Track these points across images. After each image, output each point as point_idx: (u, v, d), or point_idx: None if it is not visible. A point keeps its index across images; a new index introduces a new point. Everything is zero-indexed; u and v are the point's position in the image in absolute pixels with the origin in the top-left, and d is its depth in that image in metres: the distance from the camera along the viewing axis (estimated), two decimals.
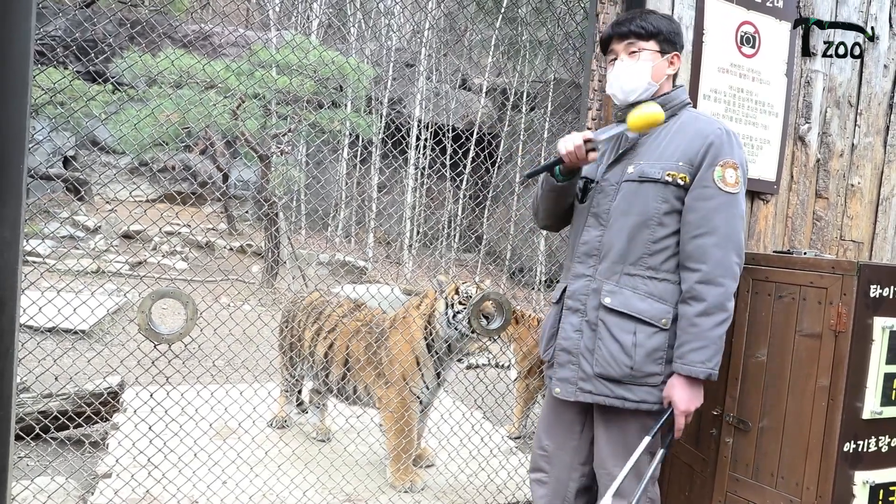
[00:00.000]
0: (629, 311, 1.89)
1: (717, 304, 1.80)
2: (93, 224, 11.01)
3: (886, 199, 3.07)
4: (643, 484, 1.86)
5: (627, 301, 1.90)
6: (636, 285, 1.90)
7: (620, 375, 1.89)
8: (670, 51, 1.98)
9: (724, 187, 1.83)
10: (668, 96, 1.98)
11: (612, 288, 1.92)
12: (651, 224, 1.89)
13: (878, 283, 1.87)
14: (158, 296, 2.28)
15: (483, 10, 12.00)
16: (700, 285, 1.81)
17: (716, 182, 1.83)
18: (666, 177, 1.88)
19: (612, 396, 1.91)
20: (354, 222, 13.21)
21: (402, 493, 3.07)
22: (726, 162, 1.85)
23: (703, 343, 1.80)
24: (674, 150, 1.90)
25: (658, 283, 1.90)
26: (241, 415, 3.28)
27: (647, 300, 1.89)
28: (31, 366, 3.53)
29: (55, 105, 8.95)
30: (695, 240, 1.84)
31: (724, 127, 1.91)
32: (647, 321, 1.88)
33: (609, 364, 1.90)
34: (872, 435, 1.90)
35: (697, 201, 1.85)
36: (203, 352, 3.00)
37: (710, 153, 1.85)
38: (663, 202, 1.89)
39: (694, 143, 1.88)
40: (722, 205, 1.83)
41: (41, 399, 3.48)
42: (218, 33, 12.34)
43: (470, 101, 13.58)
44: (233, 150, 10.88)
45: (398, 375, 3.06)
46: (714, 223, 1.82)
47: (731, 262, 1.82)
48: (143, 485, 2.76)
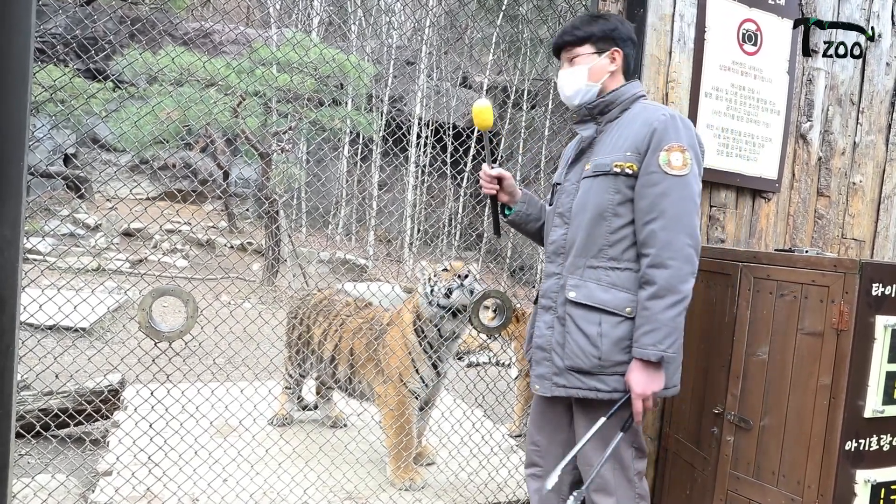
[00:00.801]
0: (593, 302, 1.93)
1: (666, 286, 1.81)
2: (93, 222, 11.02)
3: (888, 197, 3.07)
4: (603, 459, 1.90)
5: (591, 293, 1.94)
6: (599, 277, 1.94)
7: (590, 367, 1.92)
8: (608, 48, 2.02)
9: (670, 171, 1.84)
10: (615, 93, 2.02)
11: (576, 282, 1.97)
12: (607, 216, 1.94)
13: (881, 282, 1.86)
14: (159, 294, 2.28)
15: (484, 8, 11.99)
16: (650, 269, 1.84)
17: (661, 167, 1.85)
18: (615, 168, 1.93)
19: (584, 388, 1.94)
20: (355, 220, 13.22)
21: (403, 491, 3.07)
22: (671, 146, 1.86)
23: (653, 326, 1.82)
24: (623, 141, 1.95)
25: (620, 273, 1.93)
26: (241, 413, 3.28)
27: (610, 290, 1.92)
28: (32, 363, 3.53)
29: (56, 103, 8.94)
30: (645, 226, 1.86)
31: (670, 112, 1.92)
32: (610, 311, 1.91)
33: (578, 356, 1.94)
34: (874, 433, 1.90)
35: (645, 188, 1.87)
36: (203, 350, 3.00)
37: (654, 139, 1.87)
38: (616, 193, 1.93)
39: (640, 132, 1.91)
40: (668, 188, 1.84)
41: (42, 397, 3.48)
42: (218, 31, 12.33)
43: (471, 98, 13.57)
44: (233, 147, 10.87)
45: (394, 371, 3.06)
46: (661, 207, 1.84)
47: (680, 243, 1.81)
48: (143, 482, 2.76)
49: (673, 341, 1.82)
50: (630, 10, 2.57)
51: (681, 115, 1.93)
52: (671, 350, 1.81)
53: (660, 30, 2.54)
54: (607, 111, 2.02)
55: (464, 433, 3.33)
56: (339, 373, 3.40)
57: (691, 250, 1.82)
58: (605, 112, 2.03)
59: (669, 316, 1.81)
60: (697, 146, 1.92)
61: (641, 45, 2.51)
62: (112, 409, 3.68)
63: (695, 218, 1.85)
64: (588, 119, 2.06)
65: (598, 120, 2.05)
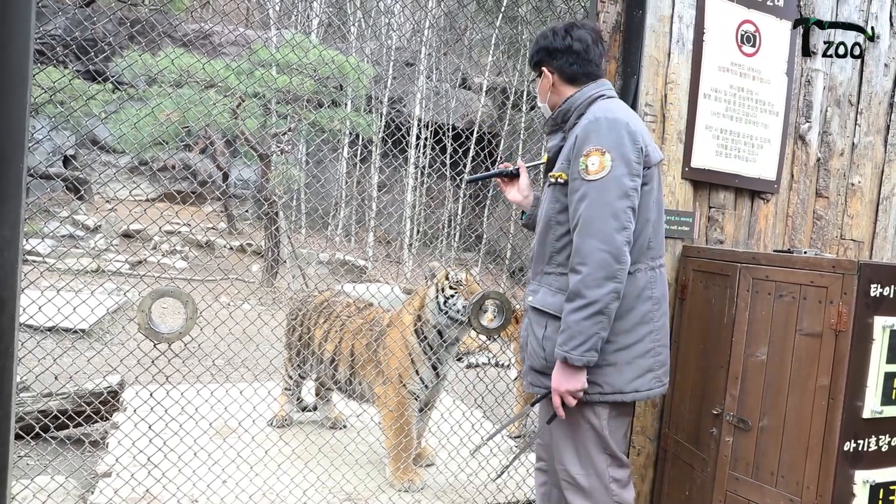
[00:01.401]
0: (542, 306, 2.03)
1: (574, 291, 1.85)
2: (93, 223, 11.02)
3: (887, 198, 3.07)
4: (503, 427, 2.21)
5: (543, 298, 2.05)
6: (550, 282, 2.04)
7: (541, 367, 2.03)
8: (540, 69, 2.12)
9: (587, 176, 1.87)
10: (568, 101, 2.07)
11: (535, 287, 2.10)
12: (552, 224, 2.03)
13: (879, 283, 1.86)
14: (158, 295, 2.28)
15: (483, 9, 12.00)
16: (570, 275, 1.90)
17: (580, 173, 1.89)
18: (551, 178, 2.02)
19: (542, 387, 2.05)
20: (354, 221, 13.21)
21: (402, 493, 3.06)
22: (588, 151, 1.88)
23: (564, 327, 1.89)
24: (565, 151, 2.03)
25: (567, 278, 1.95)
26: (240, 414, 3.28)
27: (557, 295, 2.00)
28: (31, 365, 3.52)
29: (55, 104, 8.94)
30: (572, 232, 1.92)
31: (597, 115, 1.92)
32: (554, 314, 1.98)
33: (533, 357, 2.06)
34: (873, 434, 1.90)
35: (569, 195, 1.94)
36: (203, 351, 3.00)
37: (576, 147, 1.92)
38: (556, 202, 2.01)
39: (572, 140, 1.98)
40: (584, 194, 1.87)
41: (41, 398, 3.48)
42: (218, 32, 12.33)
43: (470, 100, 13.58)
44: (233, 149, 10.87)
45: (394, 373, 3.06)
46: (578, 213, 1.88)
47: (588, 248, 1.83)
48: (143, 484, 2.76)
49: (577, 345, 1.84)
50: (629, 11, 2.58)
51: (610, 116, 1.91)
52: (575, 353, 1.85)
53: (658, 31, 2.54)
54: (566, 119, 2.07)
55: (463, 434, 3.33)
56: (339, 374, 3.40)
57: (604, 254, 1.81)
58: (566, 121, 2.08)
59: (575, 319, 1.84)
60: (627, 143, 1.87)
61: (640, 46, 2.51)
62: (111, 410, 3.68)
63: (608, 222, 1.82)
64: (556, 129, 2.13)
65: (563, 128, 2.10)
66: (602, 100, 2.03)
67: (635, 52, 2.51)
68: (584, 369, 1.89)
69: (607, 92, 2.06)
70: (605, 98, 2.04)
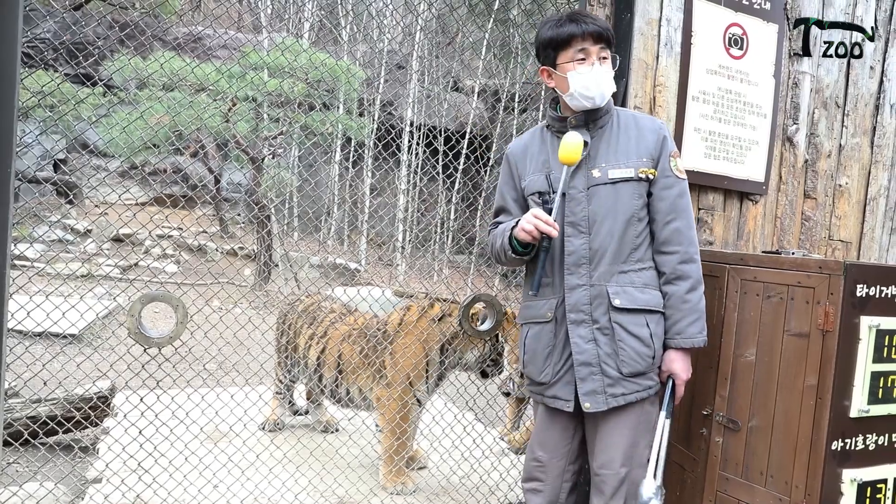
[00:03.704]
0: (637, 305, 1.98)
1: (698, 277, 2.00)
2: (83, 227, 10.95)
3: (873, 199, 3.10)
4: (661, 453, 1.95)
5: (632, 297, 1.98)
6: (633, 280, 2.00)
7: (645, 367, 1.99)
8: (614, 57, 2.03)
9: (679, 175, 2.03)
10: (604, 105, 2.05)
11: (616, 289, 1.98)
12: (634, 221, 2.01)
13: (865, 283, 1.88)
14: (148, 299, 2.27)
15: (474, 13, 12.02)
16: (682, 265, 1.99)
17: (672, 171, 2.02)
18: (639, 174, 2.00)
19: (641, 390, 2.00)
20: (346, 224, 13.20)
21: (395, 496, 3.06)
22: (674, 152, 2.04)
23: (696, 315, 1.98)
24: (633, 147, 2.02)
25: (647, 273, 2.02)
26: (232, 418, 3.26)
27: (646, 291, 2.00)
28: (20, 370, 3.50)
29: (44, 108, 8.88)
30: (668, 225, 2.00)
31: (654, 119, 2.11)
32: (653, 310, 2.00)
33: (635, 361, 1.97)
34: (860, 433, 1.92)
35: (664, 190, 2.01)
36: (194, 355, 3.00)
37: (664, 146, 2.03)
38: (639, 198, 2.01)
39: (650, 139, 2.02)
40: (682, 191, 2.03)
41: (30, 404, 3.46)
42: (209, 36, 12.29)
43: (461, 103, 13.59)
44: (224, 152, 10.84)
45: (402, 377, 3.06)
46: (680, 207, 2.01)
47: (696, 239, 2.03)
48: (133, 489, 2.75)
49: (704, 326, 2.01)
50: (617, 14, 2.59)
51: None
52: (703, 334, 2.00)
53: (647, 34, 2.56)
54: (601, 117, 2.03)
55: (455, 436, 3.33)
56: (325, 379, 3.39)
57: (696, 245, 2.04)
58: (599, 118, 2.02)
59: (704, 305, 2.01)
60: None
61: (629, 49, 2.53)
62: (101, 415, 3.66)
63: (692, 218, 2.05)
64: (580, 125, 2.01)
65: (589, 126, 2.01)
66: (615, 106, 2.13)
67: (624, 54, 2.52)
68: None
69: None
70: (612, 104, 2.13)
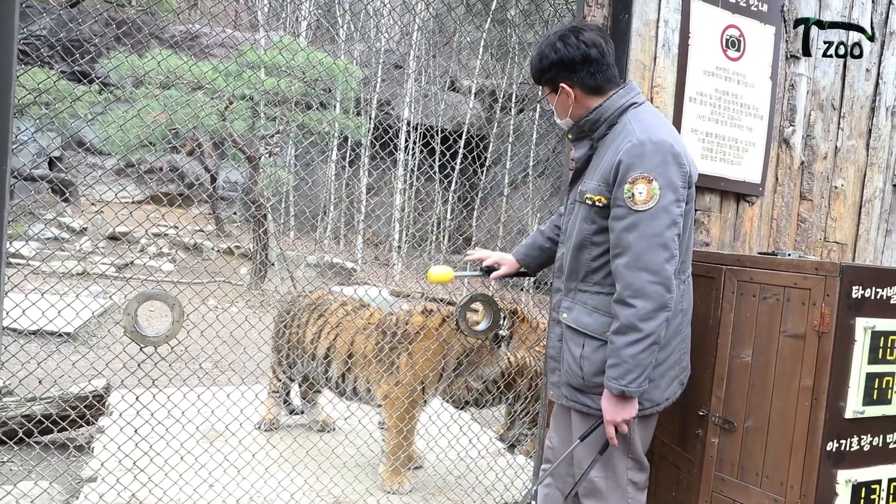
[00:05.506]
0: (578, 326, 2.00)
1: (628, 324, 1.79)
2: (78, 226, 10.91)
3: (869, 200, 3.11)
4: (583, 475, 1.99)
5: (577, 317, 2.00)
6: (585, 301, 2.00)
7: (577, 385, 2.00)
8: (556, 86, 1.96)
9: (634, 206, 1.79)
10: (597, 111, 1.94)
11: (569, 304, 2.05)
12: (587, 244, 1.97)
13: (860, 284, 1.89)
14: (144, 298, 2.27)
15: (472, 13, 12.02)
16: (615, 304, 1.84)
17: (625, 201, 1.80)
18: (587, 199, 1.93)
19: (577, 402, 2.02)
20: (343, 224, 13.18)
21: (391, 495, 3.06)
22: (635, 177, 1.79)
23: (615, 360, 1.83)
24: (600, 168, 1.91)
25: (604, 297, 1.94)
26: (228, 417, 3.26)
27: (593, 314, 1.97)
28: (15, 369, 3.49)
29: (40, 105, 8.84)
30: (613, 259, 1.86)
31: (641, 138, 1.82)
32: (591, 335, 1.95)
33: (569, 373, 2.02)
34: (855, 434, 1.93)
35: (613, 221, 1.85)
36: (190, 354, 2.99)
37: (620, 171, 1.82)
38: (591, 223, 1.94)
39: (609, 162, 1.86)
40: (632, 224, 1.79)
41: (25, 403, 3.45)
42: (206, 34, 12.26)
43: (459, 102, 13.59)
44: (220, 151, 10.81)
45: (416, 380, 3.06)
46: (625, 243, 1.80)
47: (640, 282, 1.77)
48: (128, 489, 2.74)
49: (635, 377, 1.81)
50: (615, 15, 2.60)
51: (655, 139, 1.82)
52: (633, 386, 1.81)
53: (644, 35, 2.56)
54: (596, 129, 1.97)
55: (451, 437, 3.33)
56: (332, 371, 3.38)
57: (656, 286, 1.77)
58: (595, 129, 1.97)
59: (630, 353, 1.80)
60: (673, 167, 1.81)
61: (626, 50, 2.53)
62: (97, 414, 3.65)
63: (659, 253, 1.77)
64: (583, 136, 2.02)
65: (591, 137, 2.00)
66: (634, 108, 1.92)
67: (621, 55, 2.52)
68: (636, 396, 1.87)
69: (637, 98, 1.95)
70: (636, 106, 1.92)
